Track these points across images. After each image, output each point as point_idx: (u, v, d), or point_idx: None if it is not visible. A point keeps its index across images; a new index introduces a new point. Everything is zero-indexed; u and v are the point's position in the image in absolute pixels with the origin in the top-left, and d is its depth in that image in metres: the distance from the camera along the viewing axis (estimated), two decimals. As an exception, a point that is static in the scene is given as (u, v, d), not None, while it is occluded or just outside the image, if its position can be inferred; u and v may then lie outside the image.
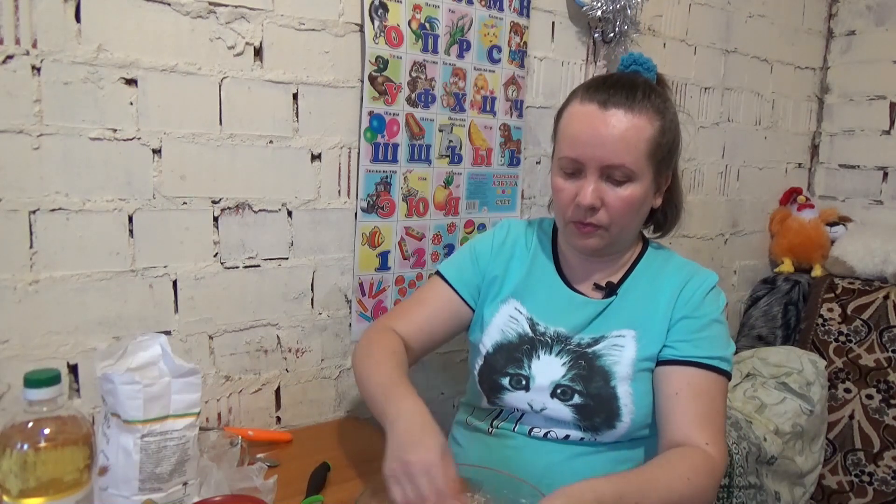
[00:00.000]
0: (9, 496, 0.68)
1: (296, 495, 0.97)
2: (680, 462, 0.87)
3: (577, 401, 0.97)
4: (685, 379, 0.94)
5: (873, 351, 1.92)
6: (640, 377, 0.97)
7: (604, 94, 0.94)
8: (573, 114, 0.96)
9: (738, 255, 2.17)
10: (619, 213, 0.95)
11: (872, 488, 1.91)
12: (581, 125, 0.94)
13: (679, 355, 0.96)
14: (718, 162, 2.03)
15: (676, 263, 1.06)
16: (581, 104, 0.96)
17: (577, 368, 0.98)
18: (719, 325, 0.99)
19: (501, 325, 1.05)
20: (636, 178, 0.94)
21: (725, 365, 0.96)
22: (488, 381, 1.03)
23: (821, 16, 2.24)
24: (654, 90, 0.98)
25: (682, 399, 0.93)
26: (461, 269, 1.11)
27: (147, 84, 1.06)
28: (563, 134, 0.98)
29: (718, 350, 0.96)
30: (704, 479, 0.86)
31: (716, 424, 0.93)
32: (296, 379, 1.30)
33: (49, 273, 1.02)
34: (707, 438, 0.90)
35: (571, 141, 0.95)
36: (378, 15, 1.24)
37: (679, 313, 0.98)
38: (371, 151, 1.28)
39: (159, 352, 0.88)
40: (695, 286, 1.00)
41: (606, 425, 0.97)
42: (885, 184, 2.17)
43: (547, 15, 1.54)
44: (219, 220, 1.16)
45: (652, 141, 0.94)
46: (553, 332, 1.02)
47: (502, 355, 1.03)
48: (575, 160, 0.95)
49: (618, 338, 0.99)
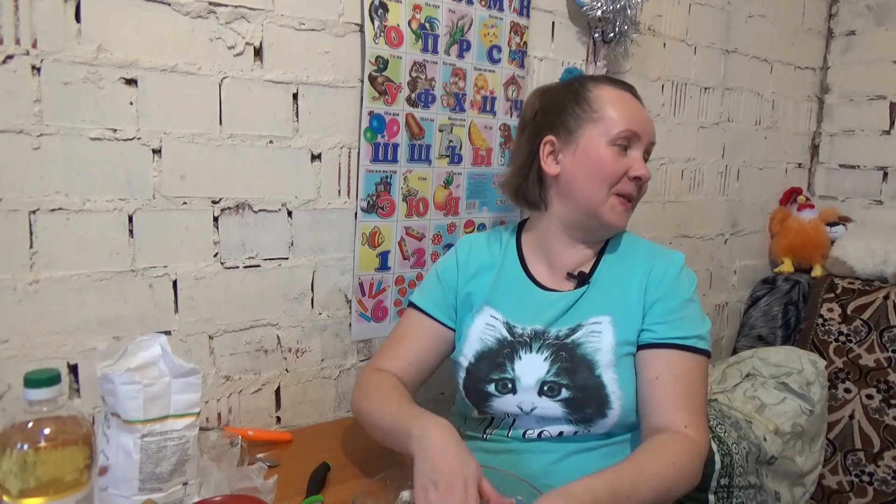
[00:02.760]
0: (9, 496, 0.68)
1: (296, 495, 0.97)
2: (662, 448, 0.90)
3: (565, 395, 0.98)
4: (665, 362, 0.96)
5: (873, 351, 1.92)
6: (623, 362, 0.98)
7: (621, 84, 1.07)
8: (613, 96, 1.04)
9: (738, 255, 2.17)
10: (646, 187, 1.06)
11: (872, 488, 1.91)
12: (627, 105, 1.04)
13: (657, 338, 0.98)
14: (718, 162, 2.03)
15: (641, 246, 1.09)
16: (610, 88, 1.05)
17: (559, 361, 0.99)
18: (693, 303, 1.02)
19: (479, 333, 1.06)
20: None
21: (703, 343, 0.98)
22: (475, 392, 1.03)
23: (821, 16, 2.24)
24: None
25: (662, 383, 0.95)
26: (431, 295, 1.13)
27: (147, 84, 1.06)
28: (612, 111, 1.03)
29: (695, 329, 0.99)
30: (689, 461, 0.89)
31: (695, 405, 0.95)
32: (296, 379, 1.30)
33: (49, 273, 1.02)
34: (685, 421, 0.93)
35: (628, 117, 1.02)
36: (378, 15, 1.24)
37: (652, 296, 1.00)
38: (371, 151, 1.28)
39: (159, 352, 0.88)
40: (663, 267, 1.02)
41: (598, 415, 0.97)
42: (885, 184, 2.17)
43: (547, 15, 1.54)
44: (219, 220, 1.16)
45: None
46: (530, 331, 1.03)
47: (484, 363, 1.03)
48: (635, 133, 1.02)
49: (594, 325, 1.00)
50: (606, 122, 1.02)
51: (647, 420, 0.96)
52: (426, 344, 1.11)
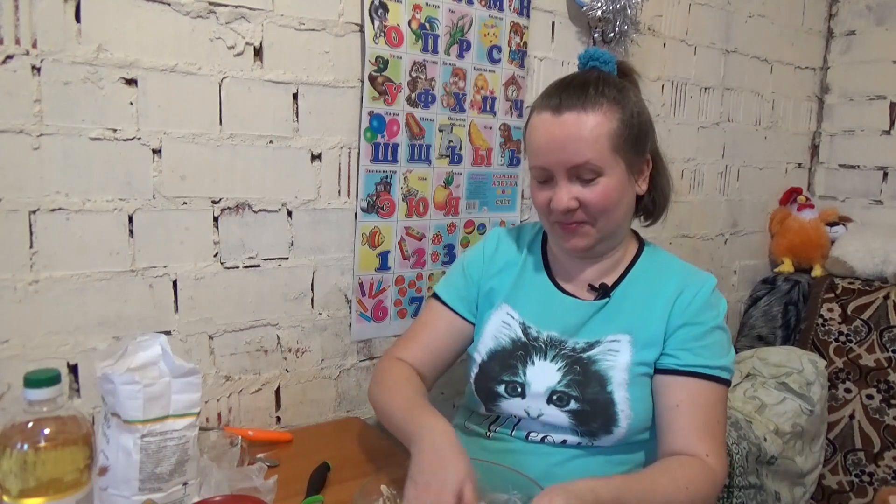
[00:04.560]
0: (9, 496, 0.68)
1: (296, 495, 0.97)
2: (679, 470, 0.88)
3: (573, 406, 0.97)
4: (685, 390, 0.94)
5: (873, 351, 1.92)
6: (637, 382, 0.97)
7: (555, 99, 0.95)
8: (534, 125, 0.99)
9: (738, 255, 2.17)
10: (596, 209, 0.96)
11: (872, 488, 1.91)
12: (540, 134, 0.96)
13: (679, 364, 0.95)
14: (718, 162, 2.03)
15: (673, 267, 1.05)
16: (538, 114, 0.98)
17: (572, 374, 0.98)
18: (721, 332, 0.98)
19: (494, 331, 1.05)
20: (605, 173, 0.94)
21: (726, 374, 0.96)
22: (484, 390, 1.03)
23: (821, 16, 2.24)
24: (609, 82, 0.97)
25: (683, 411, 0.93)
26: (456, 287, 1.12)
27: (147, 84, 1.06)
28: (529, 145, 1.00)
29: (719, 359, 0.96)
30: (703, 489, 0.87)
31: (716, 435, 0.93)
32: (296, 379, 1.30)
33: (49, 273, 1.02)
34: (707, 449, 0.90)
35: (536, 151, 0.97)
36: (378, 15, 1.24)
37: (678, 320, 0.97)
38: (371, 151, 1.28)
39: (159, 352, 0.88)
40: (693, 291, 0.99)
41: (604, 430, 0.96)
42: (885, 184, 2.17)
43: (547, 15, 1.54)
44: (219, 220, 1.16)
45: (613, 134, 0.94)
46: (546, 337, 1.01)
47: (497, 362, 1.03)
48: (543, 168, 0.97)
49: (613, 342, 0.99)
50: (529, 157, 1.01)
51: (666, 445, 0.94)
52: (447, 338, 1.10)
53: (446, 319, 1.11)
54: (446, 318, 1.11)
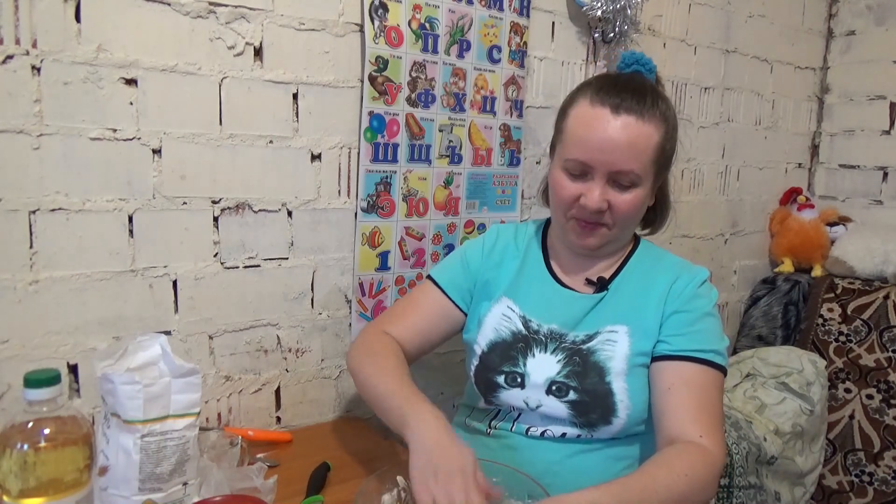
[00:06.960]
0: (9, 496, 0.68)
1: (296, 495, 0.97)
2: (676, 459, 0.87)
3: (572, 397, 0.97)
4: (678, 373, 0.95)
5: (873, 351, 1.92)
6: (635, 372, 0.97)
7: (616, 97, 0.93)
8: (583, 115, 0.95)
9: (738, 255, 2.17)
10: (623, 216, 0.96)
11: (872, 488, 1.91)
12: (593, 129, 0.93)
13: (672, 350, 0.96)
14: (718, 162, 2.03)
15: (668, 260, 1.07)
16: (591, 106, 0.94)
17: (571, 365, 0.99)
18: (712, 318, 1.00)
19: (495, 323, 1.05)
20: (641, 184, 0.95)
21: (719, 358, 0.96)
22: (484, 381, 1.04)
23: (821, 16, 2.24)
24: (661, 96, 0.98)
25: (675, 393, 0.93)
26: (453, 274, 1.12)
27: (147, 84, 1.06)
28: (572, 134, 0.96)
29: (711, 343, 0.97)
30: (703, 473, 0.86)
31: (711, 416, 0.92)
32: (296, 379, 1.30)
33: (49, 273, 1.02)
34: (701, 431, 0.90)
35: (582, 143, 0.94)
36: (378, 15, 1.24)
37: (671, 307, 0.99)
38: (371, 151, 1.28)
39: (159, 352, 0.88)
40: (685, 281, 1.00)
41: (602, 421, 0.97)
42: (885, 184, 2.17)
43: (547, 15, 1.54)
44: (219, 220, 1.16)
45: (658, 147, 0.95)
46: (547, 330, 1.02)
47: (497, 354, 1.03)
48: (584, 163, 0.94)
49: (611, 333, 0.99)
50: (566, 144, 0.97)
51: (662, 430, 0.94)
52: (436, 321, 1.10)
53: (439, 303, 1.10)
54: (439, 301, 1.10)
